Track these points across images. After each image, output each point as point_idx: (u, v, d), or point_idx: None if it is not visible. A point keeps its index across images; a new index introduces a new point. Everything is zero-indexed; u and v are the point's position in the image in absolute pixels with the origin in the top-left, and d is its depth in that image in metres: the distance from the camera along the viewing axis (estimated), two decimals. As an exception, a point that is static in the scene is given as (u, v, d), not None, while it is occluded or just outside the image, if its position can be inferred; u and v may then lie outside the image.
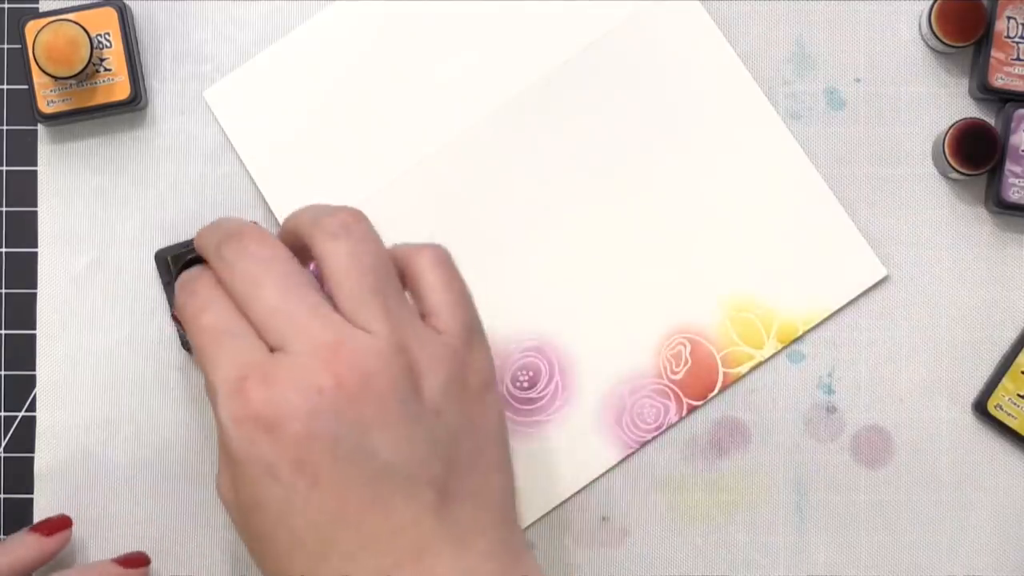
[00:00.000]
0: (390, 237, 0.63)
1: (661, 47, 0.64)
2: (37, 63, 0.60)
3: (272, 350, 0.49)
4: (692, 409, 0.63)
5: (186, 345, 0.63)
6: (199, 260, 0.55)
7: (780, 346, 0.63)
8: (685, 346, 0.63)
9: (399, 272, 0.53)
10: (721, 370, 0.63)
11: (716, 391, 0.63)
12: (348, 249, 0.51)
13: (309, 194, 0.63)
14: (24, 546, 0.60)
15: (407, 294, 0.53)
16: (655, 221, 0.64)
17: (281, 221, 0.63)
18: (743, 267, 0.63)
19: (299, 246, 0.53)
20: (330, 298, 0.50)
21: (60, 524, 0.61)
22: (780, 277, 0.63)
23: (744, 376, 0.63)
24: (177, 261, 0.61)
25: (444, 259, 0.53)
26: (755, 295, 0.63)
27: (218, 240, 0.52)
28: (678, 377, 0.63)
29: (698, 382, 0.63)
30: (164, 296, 0.64)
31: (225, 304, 0.51)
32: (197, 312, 0.51)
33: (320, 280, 0.51)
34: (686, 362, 0.63)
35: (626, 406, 0.63)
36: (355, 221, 0.52)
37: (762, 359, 0.63)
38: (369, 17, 0.64)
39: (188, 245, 0.62)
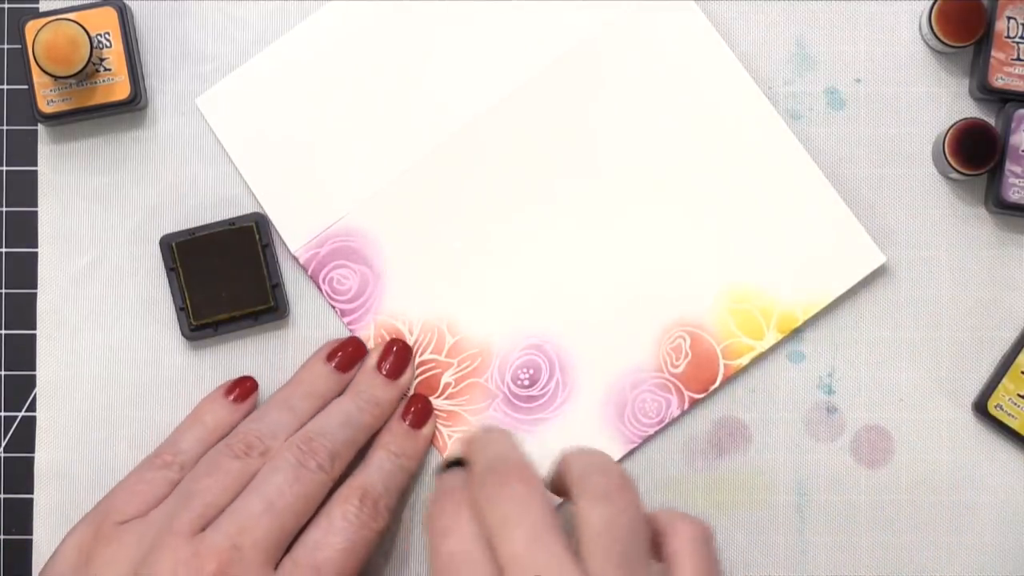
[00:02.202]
0: (390, 237, 0.64)
1: (659, 47, 0.64)
2: (37, 63, 0.60)
3: None
4: (694, 402, 0.63)
5: (189, 336, 0.63)
6: (457, 462, 0.56)
7: (780, 336, 0.63)
8: (685, 339, 0.63)
9: (655, 535, 0.53)
10: (722, 362, 0.63)
11: (717, 383, 0.63)
12: (607, 515, 0.51)
13: (304, 199, 0.63)
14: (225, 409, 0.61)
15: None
16: (653, 217, 0.64)
17: (277, 224, 0.63)
18: (740, 258, 0.63)
19: (560, 485, 0.54)
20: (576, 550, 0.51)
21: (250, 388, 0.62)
22: (778, 267, 0.63)
23: (745, 368, 0.63)
24: (181, 248, 0.62)
25: (703, 534, 0.54)
26: (753, 286, 0.63)
27: (486, 464, 0.53)
28: (679, 370, 0.63)
29: (699, 375, 0.63)
30: (166, 292, 0.64)
31: (473, 533, 0.51)
32: (444, 531, 0.52)
33: None
34: (686, 355, 0.63)
35: (628, 401, 0.63)
36: (619, 489, 0.52)
37: (763, 350, 0.63)
38: (362, 19, 0.64)
39: (192, 232, 0.62)
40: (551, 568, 0.49)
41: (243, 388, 0.62)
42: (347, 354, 0.62)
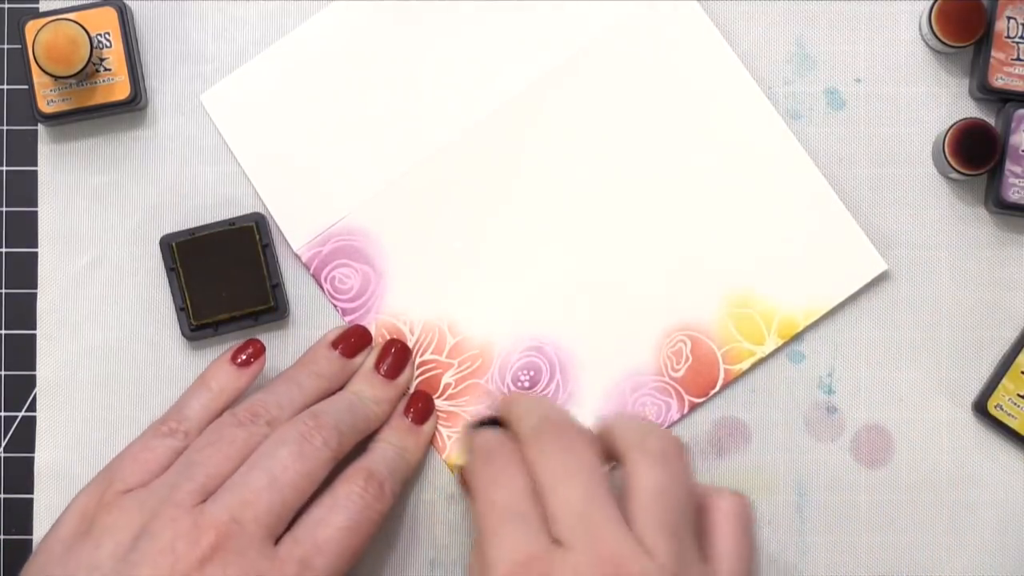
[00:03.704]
0: (392, 237, 0.64)
1: (660, 47, 0.64)
2: (37, 63, 0.60)
3: (555, 542, 0.50)
4: (694, 406, 0.63)
5: (189, 336, 0.63)
6: (489, 422, 0.56)
7: (781, 342, 0.63)
8: (686, 343, 0.63)
9: (697, 507, 0.54)
10: (722, 367, 0.63)
11: (718, 388, 0.63)
12: (661, 478, 0.51)
13: (307, 198, 0.64)
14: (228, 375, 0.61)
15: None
16: (654, 220, 0.64)
17: (279, 223, 0.63)
18: (742, 263, 0.63)
19: (608, 449, 0.53)
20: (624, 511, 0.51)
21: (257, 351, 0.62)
22: (779, 273, 0.63)
23: (745, 372, 0.63)
24: (181, 248, 0.62)
25: (744, 511, 0.54)
26: (755, 291, 0.63)
27: (538, 422, 0.53)
28: (679, 374, 0.63)
29: (699, 379, 0.63)
30: (166, 292, 0.64)
31: (523, 485, 0.52)
32: (490, 483, 0.52)
33: None
34: (687, 359, 0.63)
35: (627, 404, 0.63)
36: (676, 452, 0.53)
37: (763, 355, 0.63)
38: (367, 19, 0.64)
39: (192, 232, 0.62)
40: (602, 524, 0.49)
41: (249, 352, 0.61)
42: (352, 341, 0.62)
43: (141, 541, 0.54)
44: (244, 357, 0.61)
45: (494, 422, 0.57)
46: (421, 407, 0.63)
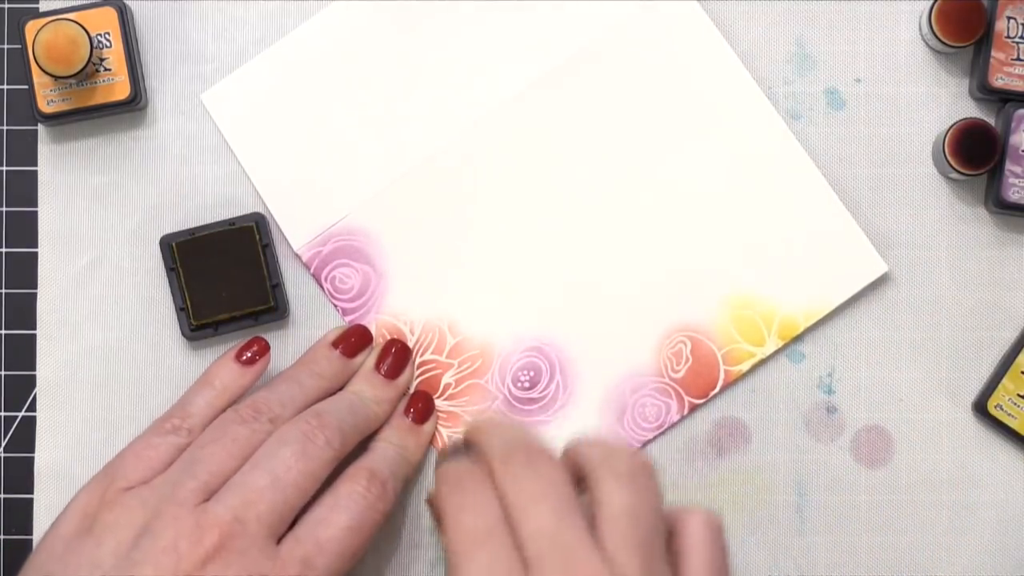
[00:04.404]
0: (393, 237, 0.64)
1: (660, 48, 0.64)
2: (37, 62, 0.60)
3: (526, 566, 0.50)
4: (694, 407, 0.63)
5: (189, 336, 0.63)
6: (457, 449, 0.56)
7: (781, 343, 0.63)
8: (686, 344, 0.63)
9: (668, 527, 0.53)
10: (722, 368, 0.63)
11: (717, 389, 0.63)
12: (630, 497, 0.51)
13: (308, 197, 0.64)
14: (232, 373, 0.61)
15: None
16: (654, 220, 0.64)
17: (280, 222, 0.63)
18: (743, 264, 0.63)
19: (576, 472, 0.53)
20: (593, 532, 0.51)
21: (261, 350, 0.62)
22: (780, 274, 0.63)
23: (745, 374, 0.63)
24: (181, 248, 0.62)
25: (714, 527, 0.53)
26: (755, 292, 0.63)
27: (507, 446, 0.53)
28: (679, 375, 0.63)
29: (699, 380, 0.63)
30: (166, 292, 0.64)
31: (493, 509, 0.51)
32: (460, 509, 0.51)
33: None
34: (687, 360, 0.63)
35: (627, 405, 0.63)
36: (644, 473, 0.52)
37: (763, 356, 0.63)
38: (368, 19, 0.64)
39: (192, 232, 0.62)
40: (574, 546, 0.49)
41: (254, 350, 0.61)
42: (352, 341, 0.62)
43: (143, 539, 0.54)
44: (249, 355, 0.61)
45: (464, 447, 0.56)
46: (422, 407, 0.63)
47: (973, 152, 0.62)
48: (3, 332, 0.64)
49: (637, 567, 0.49)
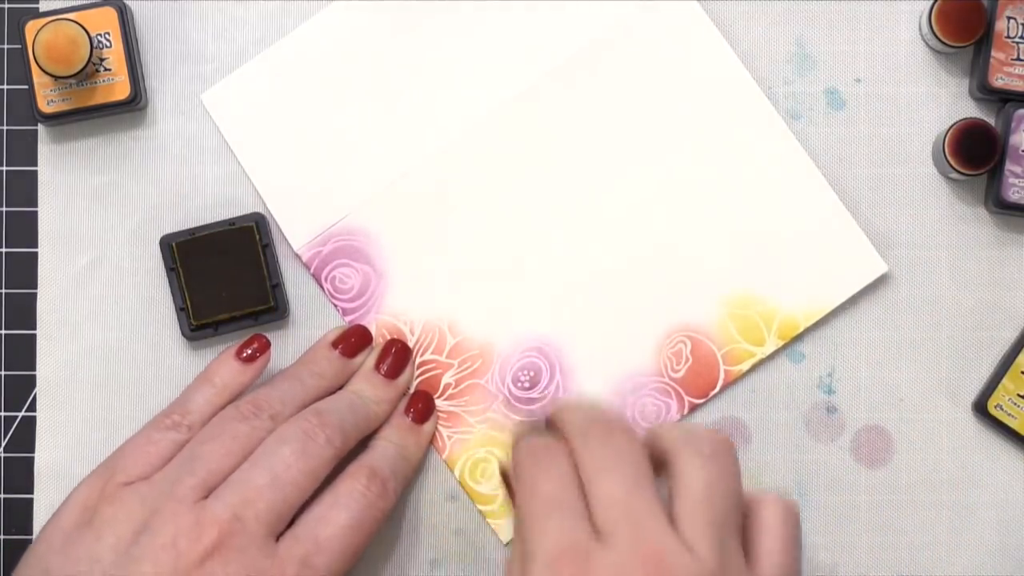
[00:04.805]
0: (393, 237, 0.64)
1: (661, 48, 0.64)
2: (37, 62, 0.60)
3: (597, 533, 0.50)
4: (694, 407, 0.63)
5: (189, 336, 0.63)
6: (536, 427, 0.56)
7: (781, 343, 0.63)
8: (686, 344, 0.63)
9: (744, 510, 0.53)
10: (722, 368, 0.63)
11: (717, 389, 0.63)
12: (710, 474, 0.51)
13: (308, 197, 0.64)
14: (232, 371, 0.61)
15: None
16: (655, 220, 0.64)
17: (280, 222, 0.63)
18: (743, 264, 0.63)
19: (655, 453, 0.53)
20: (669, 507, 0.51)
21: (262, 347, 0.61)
22: (780, 274, 0.63)
23: (745, 374, 0.63)
24: (181, 248, 0.62)
25: (791, 515, 0.53)
26: (755, 292, 0.63)
27: (587, 422, 0.53)
28: (679, 375, 0.63)
29: (699, 380, 0.63)
30: (166, 292, 0.64)
31: (567, 478, 0.51)
32: (535, 475, 0.52)
33: None
34: (687, 360, 0.63)
35: (628, 405, 0.63)
36: (726, 450, 0.52)
37: (763, 356, 0.63)
38: (368, 19, 0.64)
39: (192, 232, 0.62)
40: (644, 516, 0.49)
41: (255, 347, 0.61)
42: (352, 341, 0.62)
43: (142, 536, 0.54)
44: (249, 352, 0.61)
45: (544, 426, 0.56)
46: (422, 407, 0.63)
47: (973, 152, 0.62)
48: (3, 332, 0.64)
49: (708, 545, 0.49)
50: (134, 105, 0.63)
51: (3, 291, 0.64)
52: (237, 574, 0.54)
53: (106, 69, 0.62)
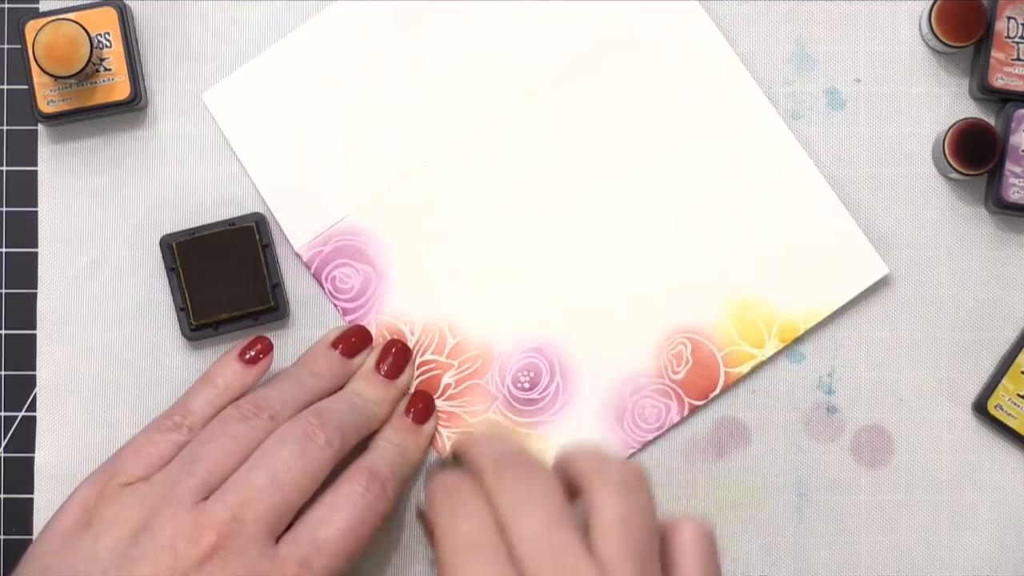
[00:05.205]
0: (393, 237, 0.64)
1: (662, 48, 0.64)
2: (37, 63, 0.60)
3: (520, 574, 0.49)
4: (694, 409, 0.63)
5: (189, 336, 0.63)
6: (446, 463, 0.56)
7: (781, 345, 0.63)
8: (686, 346, 0.63)
9: (661, 536, 0.53)
10: (722, 370, 0.63)
11: (718, 391, 0.63)
12: (624, 506, 0.50)
13: (309, 197, 0.64)
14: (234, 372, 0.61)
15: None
16: (655, 221, 0.64)
17: (281, 222, 0.63)
18: (743, 266, 0.63)
19: (568, 481, 0.53)
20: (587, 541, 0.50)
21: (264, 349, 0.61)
22: (781, 276, 0.63)
23: (746, 376, 0.63)
24: (182, 248, 0.62)
25: (707, 536, 0.53)
26: (756, 294, 0.63)
27: (497, 458, 0.52)
28: (679, 377, 0.63)
29: (699, 382, 0.63)
30: (166, 292, 0.64)
31: (485, 519, 0.51)
32: (453, 519, 0.51)
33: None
34: (687, 362, 0.63)
35: (627, 406, 0.63)
36: (637, 481, 0.52)
37: (763, 358, 0.63)
38: (369, 19, 0.64)
39: (192, 232, 0.62)
40: (566, 554, 0.49)
41: (257, 349, 0.61)
42: (352, 341, 0.62)
43: (142, 537, 0.54)
44: (252, 354, 0.61)
45: (453, 461, 0.56)
46: (422, 407, 0.63)
47: (973, 152, 0.62)
48: (3, 332, 0.64)
49: (629, 574, 0.49)
50: (134, 105, 0.63)
51: (3, 291, 0.64)
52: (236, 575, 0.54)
53: (106, 69, 0.62)
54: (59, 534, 0.56)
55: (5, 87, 0.64)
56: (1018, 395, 0.63)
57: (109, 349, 0.64)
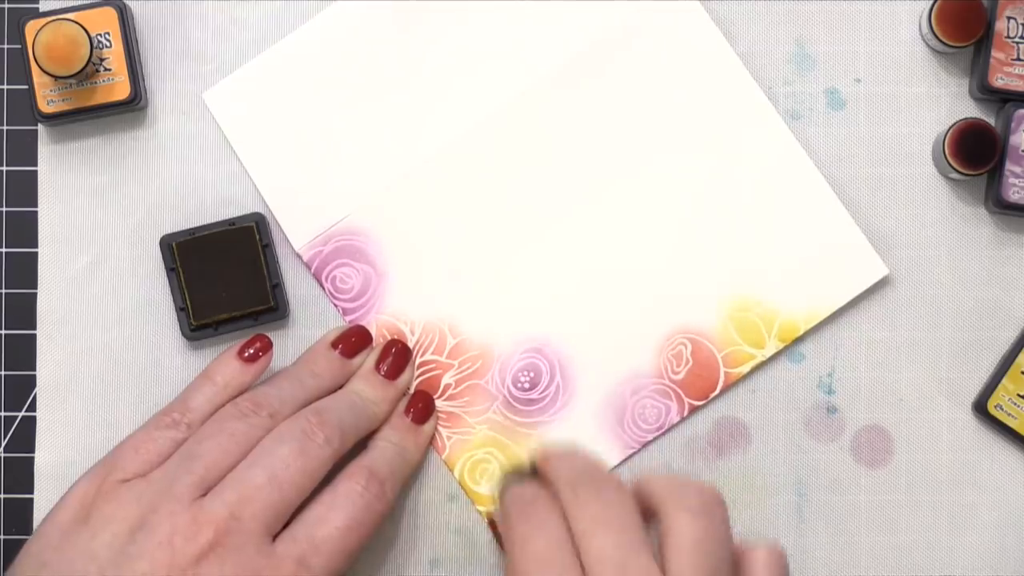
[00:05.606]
0: (394, 238, 0.64)
1: (662, 48, 0.64)
2: (37, 63, 0.60)
3: None
4: (694, 409, 0.63)
5: (189, 336, 0.63)
6: (522, 474, 0.56)
7: (781, 345, 0.63)
8: (686, 346, 0.63)
9: (734, 562, 0.53)
10: (722, 370, 0.63)
11: (717, 391, 0.63)
12: (699, 530, 0.50)
13: (309, 197, 0.64)
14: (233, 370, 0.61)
15: None
16: (655, 221, 0.64)
17: (281, 222, 0.63)
18: (743, 266, 0.63)
19: (645, 504, 0.53)
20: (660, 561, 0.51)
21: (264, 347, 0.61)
22: (781, 276, 0.63)
23: (746, 376, 0.63)
24: (181, 248, 0.62)
25: (779, 562, 0.53)
26: (756, 294, 0.63)
27: (576, 475, 0.53)
28: (679, 377, 0.63)
29: (699, 382, 0.63)
30: (166, 292, 0.64)
31: (560, 535, 0.51)
32: (529, 534, 0.51)
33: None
34: (687, 362, 0.63)
35: (627, 406, 0.63)
36: (715, 505, 0.52)
37: (763, 359, 0.63)
38: (370, 19, 0.64)
39: (192, 232, 0.62)
40: (637, 571, 0.49)
41: (257, 347, 0.61)
42: (352, 341, 0.62)
43: (139, 534, 0.54)
44: (251, 352, 0.61)
45: (530, 473, 0.56)
46: (422, 407, 0.63)
47: (973, 152, 0.62)
48: (3, 332, 0.64)
49: None
50: (134, 105, 0.63)
51: (3, 291, 0.64)
52: (233, 573, 0.54)
53: (106, 69, 0.62)
54: (57, 529, 0.56)
55: (5, 87, 0.64)
56: (1018, 395, 0.63)
57: (109, 349, 0.64)
